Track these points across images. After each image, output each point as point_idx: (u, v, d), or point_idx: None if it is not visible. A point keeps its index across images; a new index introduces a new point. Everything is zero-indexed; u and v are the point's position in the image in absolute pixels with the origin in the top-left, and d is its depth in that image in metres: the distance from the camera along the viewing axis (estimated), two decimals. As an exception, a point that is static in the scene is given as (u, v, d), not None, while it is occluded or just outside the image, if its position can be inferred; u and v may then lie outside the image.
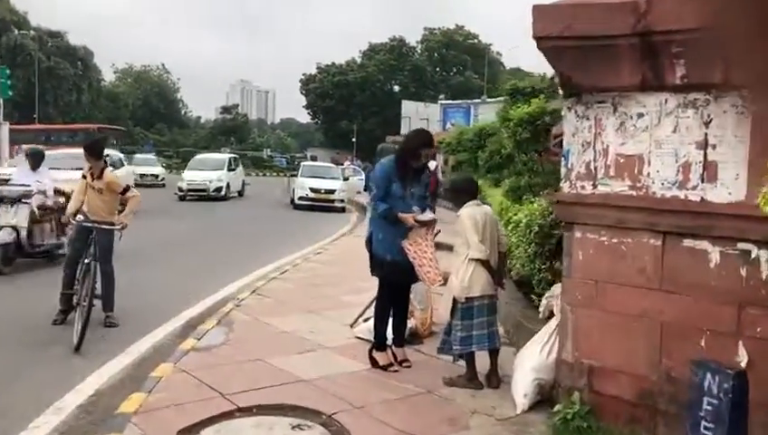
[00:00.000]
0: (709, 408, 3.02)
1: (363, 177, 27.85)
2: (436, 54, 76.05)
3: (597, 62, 4.02)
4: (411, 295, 5.98)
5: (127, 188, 6.98)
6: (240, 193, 28.66)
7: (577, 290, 4.32)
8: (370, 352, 5.58)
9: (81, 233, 6.70)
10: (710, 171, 3.74)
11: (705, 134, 3.75)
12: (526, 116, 7.91)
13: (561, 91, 4.72)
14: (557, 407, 4.33)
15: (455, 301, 5.04)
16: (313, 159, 53.09)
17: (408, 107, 53.59)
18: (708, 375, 3.02)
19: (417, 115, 50.55)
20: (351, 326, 6.71)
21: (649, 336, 4.02)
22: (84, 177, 6.82)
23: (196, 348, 5.91)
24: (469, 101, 51.13)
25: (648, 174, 3.99)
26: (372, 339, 6.03)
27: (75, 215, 6.69)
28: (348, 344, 6.18)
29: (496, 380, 5.18)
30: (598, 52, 3.98)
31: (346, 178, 25.79)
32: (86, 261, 6.49)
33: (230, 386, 4.93)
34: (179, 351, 5.82)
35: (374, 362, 5.51)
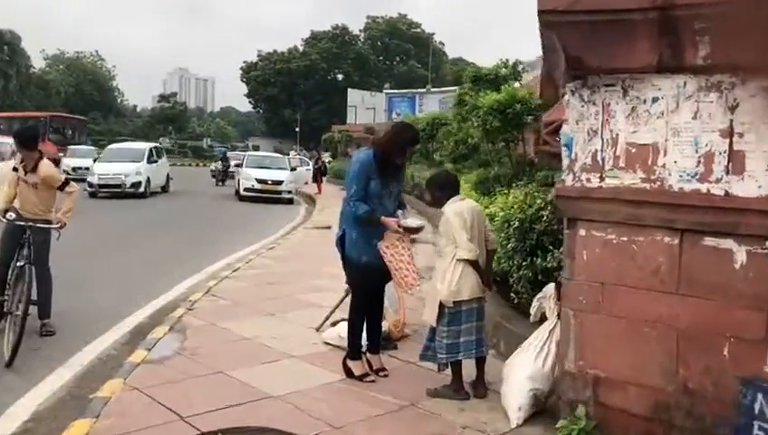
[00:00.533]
0: (761, 434, 2.64)
1: (311, 167, 27.29)
2: (379, 43, 75.53)
3: (609, 40, 3.60)
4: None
5: (66, 183, 6.26)
6: (164, 188, 24.69)
7: (581, 294, 3.92)
8: (344, 361, 5.08)
9: (12, 233, 5.97)
10: (736, 162, 3.37)
11: (731, 121, 3.38)
12: (496, 104, 7.51)
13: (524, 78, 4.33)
14: (560, 422, 3.93)
15: (441, 306, 4.58)
16: (255, 148, 51.99)
17: (353, 96, 52.96)
18: (760, 396, 2.64)
19: (363, 104, 50.01)
20: (318, 330, 6.19)
21: (664, 344, 3.65)
22: (16, 169, 6.07)
23: (148, 360, 5.29)
24: (414, 91, 50.94)
25: (664, 165, 3.60)
26: (343, 345, 5.56)
27: (5, 213, 5.94)
28: (316, 352, 5.66)
29: (483, 389, 4.76)
30: (610, 28, 3.56)
31: (293, 169, 25.06)
32: (19, 264, 5.78)
33: (189, 406, 4.36)
34: (129, 364, 5.20)
35: (348, 372, 5.01)
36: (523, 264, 5.80)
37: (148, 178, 22.51)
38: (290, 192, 23.27)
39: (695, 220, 3.50)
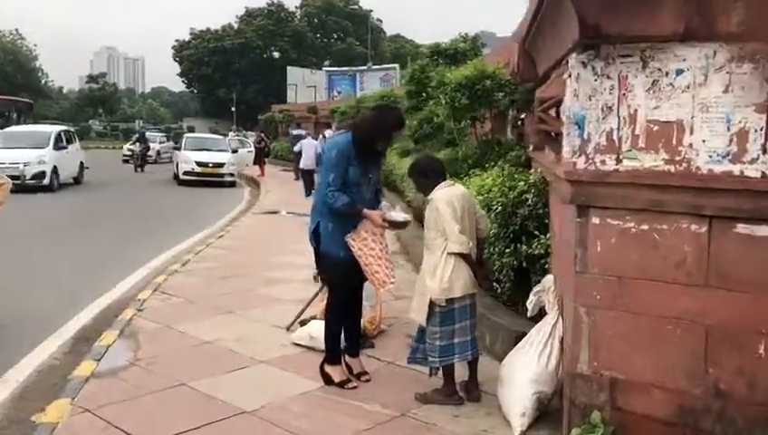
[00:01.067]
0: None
1: (253, 148, 26.42)
2: (316, 20, 74.10)
3: (631, 4, 3.19)
4: None
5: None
6: (77, 179, 21.15)
7: (594, 289, 3.53)
8: (322, 366, 4.59)
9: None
10: (775, 140, 3.02)
11: (768, 94, 3.02)
12: (464, 80, 7.07)
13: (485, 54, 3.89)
14: (574, 431, 3.55)
15: (431, 304, 4.14)
16: (191, 129, 50.44)
17: (294, 74, 51.78)
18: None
19: (303, 83, 48.96)
20: (288, 330, 5.68)
21: (690, 342, 3.30)
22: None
23: (98, 373, 4.69)
24: (354, 69, 50.19)
25: (691, 145, 3.23)
26: (315, 347, 5.09)
27: None
28: (287, 355, 5.15)
29: (477, 392, 4.37)
30: (633, -10, 3.15)
31: (234, 151, 24.16)
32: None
33: (152, 429, 3.81)
34: (75, 378, 4.59)
35: (327, 379, 4.53)
36: (506, 251, 5.42)
37: (55, 167, 18.83)
38: (232, 175, 22.43)
39: (726, 205, 3.14)
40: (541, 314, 4.30)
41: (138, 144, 27.88)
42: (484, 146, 7.77)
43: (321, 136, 20.73)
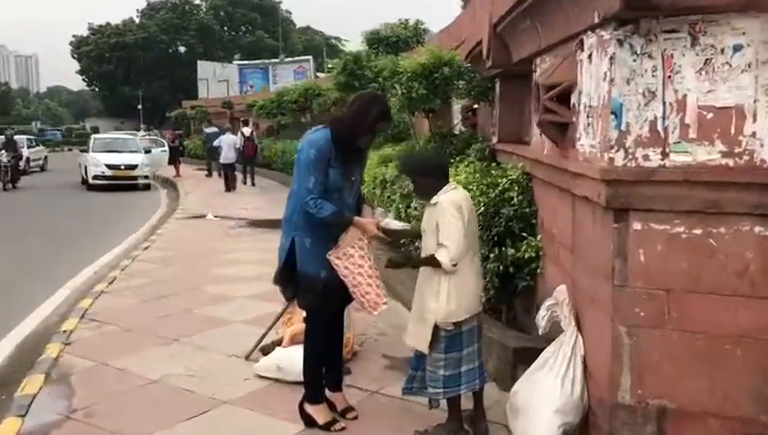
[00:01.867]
0: None
1: (167, 148, 25.03)
2: (222, 13, 71.80)
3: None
4: None
5: None
6: None
7: (637, 305, 3.03)
8: (301, 406, 3.91)
9: None
10: None
11: None
12: (420, 68, 6.49)
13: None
14: (620, 471, 3.05)
15: (435, 328, 3.54)
16: (95, 130, 47.91)
17: (204, 68, 49.80)
18: None
19: (214, 77, 47.18)
20: (247, 359, 4.95)
21: (755, 363, 2.87)
22: None
23: (25, 434, 3.84)
24: (266, 62, 48.88)
25: (754, 134, 2.77)
26: (285, 379, 4.42)
27: None
28: (254, 392, 4.43)
29: (484, 424, 3.80)
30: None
31: (147, 151, 22.73)
32: None
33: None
34: (-4, 445, 3.73)
35: (309, 421, 3.86)
36: (491, 255, 4.87)
37: None
38: (146, 177, 21.06)
39: (798, 204, 2.70)
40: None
41: (4, 152, 20.35)
42: (441, 139, 7.21)
43: (240, 133, 20.37)
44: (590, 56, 3.25)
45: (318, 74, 43.51)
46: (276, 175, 21.48)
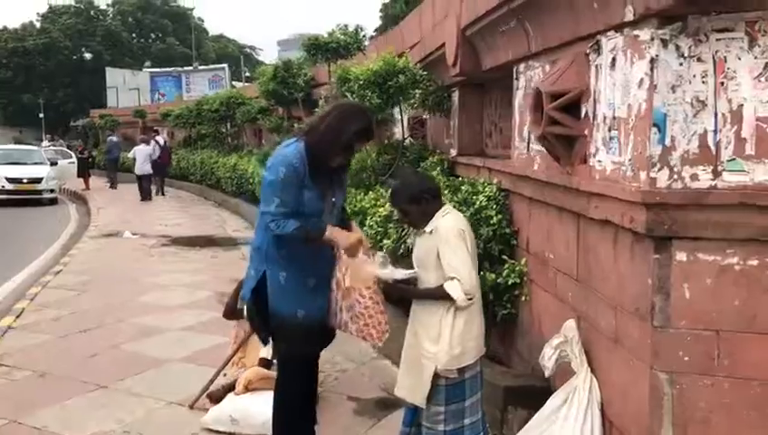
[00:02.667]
0: None
1: (75, 159, 23.48)
2: (131, 19, 68.93)
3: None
4: None
5: None
6: None
7: (681, 348, 2.60)
8: (271, 472, 3.30)
9: None
10: None
11: None
12: (373, 76, 5.98)
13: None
14: None
15: (435, 377, 3.00)
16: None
17: (113, 75, 47.50)
18: None
19: (125, 85, 45.05)
20: (192, 407, 4.26)
21: (822, 414, 2.48)
22: None
23: None
24: (180, 69, 47.20)
25: (824, 150, 2.39)
26: (240, 432, 3.80)
27: None
28: (207, 451, 3.77)
29: (486, 483, 3.30)
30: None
31: (54, 163, 21.13)
32: None
33: None
34: None
35: (280, 489, 3.25)
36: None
37: None
38: (52, 191, 19.46)
39: None
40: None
41: None
42: (393, 151, 6.72)
43: (153, 142, 19.77)
44: (613, 60, 2.82)
45: (234, 83, 42.35)
46: (194, 187, 20.47)
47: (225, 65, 47.04)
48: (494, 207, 4.48)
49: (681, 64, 2.48)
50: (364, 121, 3.15)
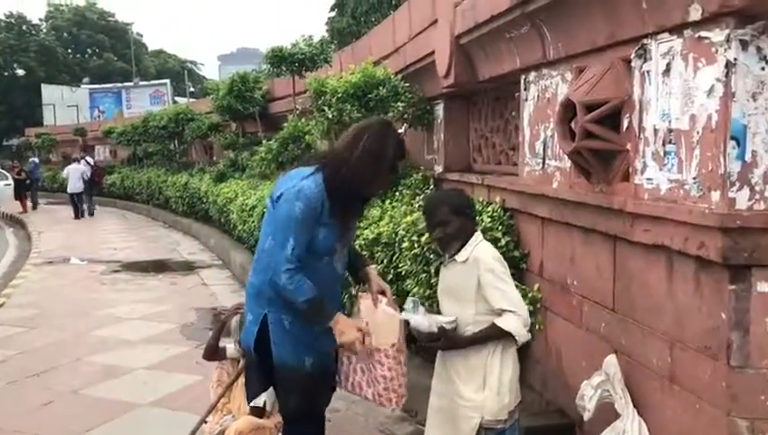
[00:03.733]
0: None
1: (11, 181, 22.29)
2: (66, 34, 66.65)
3: None
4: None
5: None
6: None
7: (764, 390, 2.29)
8: None
9: None
10: None
11: None
12: (352, 88, 5.58)
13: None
14: None
15: (481, 429, 2.62)
16: None
17: (50, 92, 45.68)
18: None
19: (62, 102, 43.35)
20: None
21: None
22: None
23: None
24: (120, 85, 45.79)
25: None
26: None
27: None
28: None
29: None
30: None
31: (-12, 186, 19.98)
32: None
33: None
34: None
35: None
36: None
37: None
38: (-13, 215, 18.44)
39: None
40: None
41: None
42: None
43: (84, 161, 20.27)
44: (667, 66, 2.51)
45: (177, 98, 41.28)
46: (141, 207, 19.66)
47: (166, 81, 45.81)
48: (500, 228, 4.14)
49: (763, 69, 2.18)
50: (398, 137, 2.76)
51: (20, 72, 57.02)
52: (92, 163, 20.65)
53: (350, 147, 2.67)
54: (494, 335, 2.62)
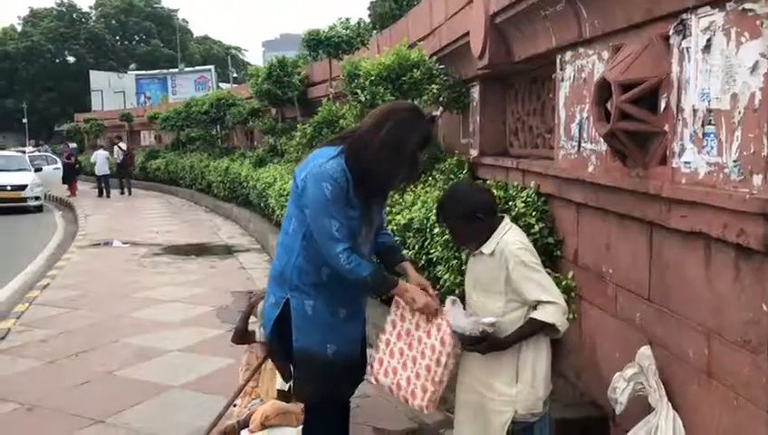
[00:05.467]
0: None
1: (60, 165, 22.87)
2: (114, 22, 68.03)
3: None
4: None
5: None
6: None
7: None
8: None
9: None
10: None
11: None
12: (385, 71, 5.51)
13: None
14: None
15: (512, 424, 2.54)
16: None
17: (98, 78, 46.75)
18: None
19: (110, 88, 44.37)
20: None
21: None
22: None
23: None
24: (165, 72, 46.51)
25: None
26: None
27: None
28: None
29: None
30: None
31: (38, 169, 20.51)
32: None
33: None
34: None
35: None
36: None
37: None
38: (38, 198, 18.85)
39: None
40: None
41: None
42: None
43: (116, 148, 21.91)
44: (708, 42, 2.36)
45: (221, 84, 41.74)
46: (184, 192, 19.95)
47: (211, 67, 46.38)
48: (534, 214, 4.03)
49: (811, 43, 2.03)
50: (425, 125, 2.65)
51: (70, 59, 58.34)
52: (125, 148, 22.12)
53: (372, 132, 2.58)
54: (535, 330, 2.53)
